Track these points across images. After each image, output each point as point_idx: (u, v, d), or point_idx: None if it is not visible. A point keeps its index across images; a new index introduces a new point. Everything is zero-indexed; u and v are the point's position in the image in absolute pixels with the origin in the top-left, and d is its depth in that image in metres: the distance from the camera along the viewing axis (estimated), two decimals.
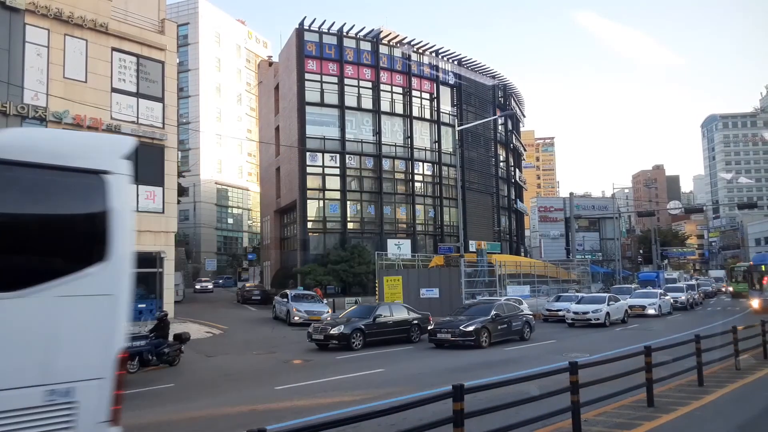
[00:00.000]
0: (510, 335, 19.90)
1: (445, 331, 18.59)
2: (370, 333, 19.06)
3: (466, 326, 18.38)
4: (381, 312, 19.96)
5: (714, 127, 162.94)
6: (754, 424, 8.76)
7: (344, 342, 18.38)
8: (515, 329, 20.12)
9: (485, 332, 18.61)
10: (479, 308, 20.48)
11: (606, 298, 27.91)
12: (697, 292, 42.12)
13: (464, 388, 6.02)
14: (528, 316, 21.64)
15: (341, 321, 19.42)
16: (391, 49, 45.27)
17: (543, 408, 7.47)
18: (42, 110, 23.15)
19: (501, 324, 19.48)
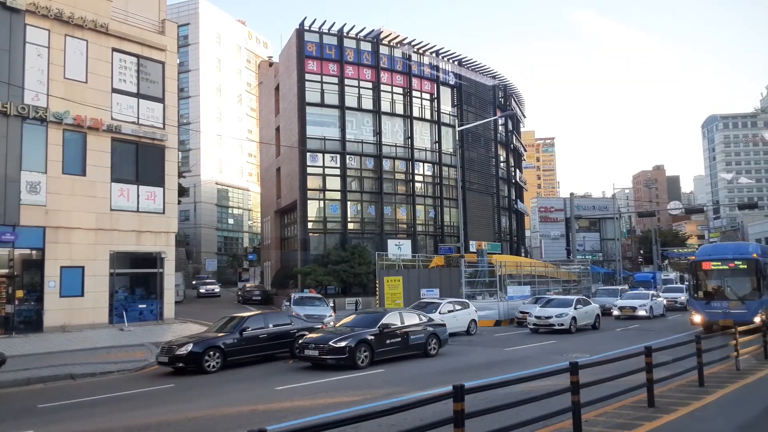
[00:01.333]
0: (407, 351, 16.38)
1: (313, 346, 14.88)
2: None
3: (338, 341, 14.69)
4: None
5: (714, 128, 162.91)
6: (755, 424, 8.76)
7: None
8: (415, 343, 16.53)
9: (364, 348, 14.99)
10: (368, 317, 16.70)
11: (573, 301, 25.21)
12: None
13: (465, 388, 6.02)
14: (438, 328, 17.53)
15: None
16: (392, 49, 45.28)
17: (543, 408, 7.47)
18: (42, 111, 23.15)
19: (391, 338, 15.90)
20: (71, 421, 10.27)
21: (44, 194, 23.25)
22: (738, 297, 20.12)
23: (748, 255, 20.63)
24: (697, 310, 20.97)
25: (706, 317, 20.40)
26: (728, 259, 20.95)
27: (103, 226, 24.73)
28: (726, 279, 20.97)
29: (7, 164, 22.28)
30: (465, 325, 23.70)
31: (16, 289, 22.63)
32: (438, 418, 6.01)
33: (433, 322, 17.83)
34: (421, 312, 18.95)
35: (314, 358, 14.90)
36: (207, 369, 14.70)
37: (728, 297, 20.42)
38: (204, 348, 14.84)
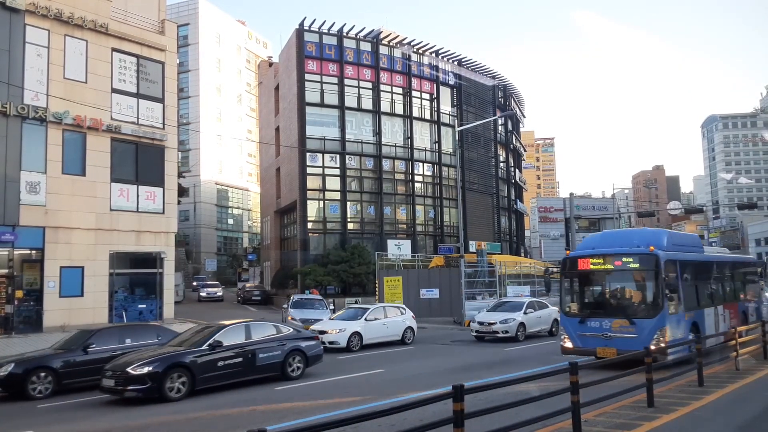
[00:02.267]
0: (254, 373, 13.07)
1: (110, 374, 11.62)
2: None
3: (139, 366, 11.36)
4: None
5: (714, 128, 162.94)
6: (755, 424, 8.76)
7: None
8: (266, 363, 13.23)
9: (179, 374, 11.63)
10: (200, 334, 13.23)
11: (523, 304, 22.06)
12: None
13: (464, 388, 6.03)
14: (305, 342, 14.31)
15: None
16: (391, 49, 45.28)
17: (543, 408, 7.47)
18: (42, 111, 23.15)
19: (228, 358, 12.54)
20: (71, 421, 10.27)
21: (44, 194, 23.25)
22: (625, 314, 13.41)
23: (642, 249, 13.49)
24: (568, 333, 14.15)
25: (578, 343, 13.84)
26: (613, 255, 13.90)
27: (102, 226, 24.73)
28: (611, 285, 14.40)
29: (7, 164, 22.28)
30: (399, 334, 20.84)
31: (16, 289, 22.63)
32: (438, 418, 6.01)
33: (300, 335, 14.51)
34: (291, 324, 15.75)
35: (111, 389, 11.53)
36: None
37: (610, 313, 13.66)
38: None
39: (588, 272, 14.39)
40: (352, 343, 19.16)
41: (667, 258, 13.24)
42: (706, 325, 14.72)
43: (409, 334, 21.31)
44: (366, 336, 19.72)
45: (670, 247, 14.15)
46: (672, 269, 13.37)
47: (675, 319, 13.17)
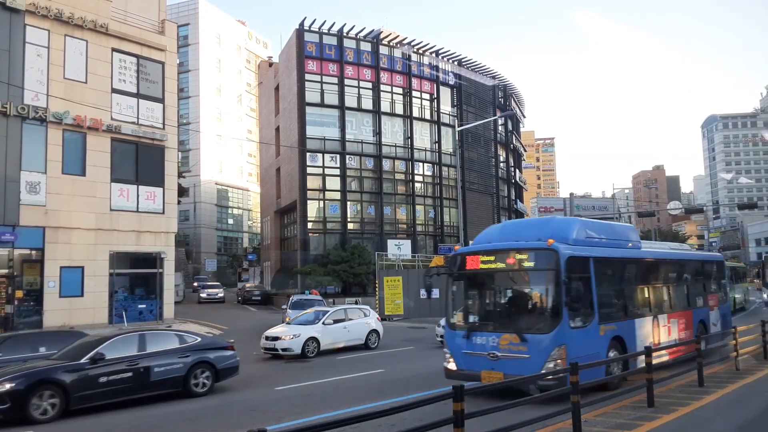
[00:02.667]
0: (147, 390, 11.44)
1: None
2: None
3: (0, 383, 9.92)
4: None
5: (714, 128, 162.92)
6: (755, 424, 8.76)
7: None
8: (162, 379, 11.59)
9: (50, 393, 10.18)
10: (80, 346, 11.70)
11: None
12: None
13: (464, 388, 6.03)
14: (216, 354, 12.56)
15: None
16: (391, 49, 45.27)
17: (543, 408, 7.47)
18: (42, 111, 23.14)
19: (113, 374, 10.95)
20: (71, 421, 10.26)
21: (44, 194, 23.24)
22: (516, 327, 10.29)
23: (540, 243, 10.47)
24: (452, 350, 11.10)
25: (461, 364, 10.79)
26: (504, 252, 10.76)
27: (102, 226, 24.73)
28: (502, 290, 11.33)
29: (7, 164, 22.27)
30: (362, 338, 19.44)
31: (16, 290, 22.62)
32: (438, 418, 6.01)
33: (211, 345, 12.75)
34: (191, 333, 13.56)
35: None
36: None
37: (499, 327, 10.60)
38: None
39: (477, 273, 11.18)
40: (307, 349, 17.58)
41: (572, 255, 10.29)
42: (637, 339, 11.74)
43: (373, 337, 19.80)
44: (324, 341, 18.19)
45: (582, 240, 11.14)
46: (579, 269, 10.49)
47: (582, 334, 10.19)
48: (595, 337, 10.53)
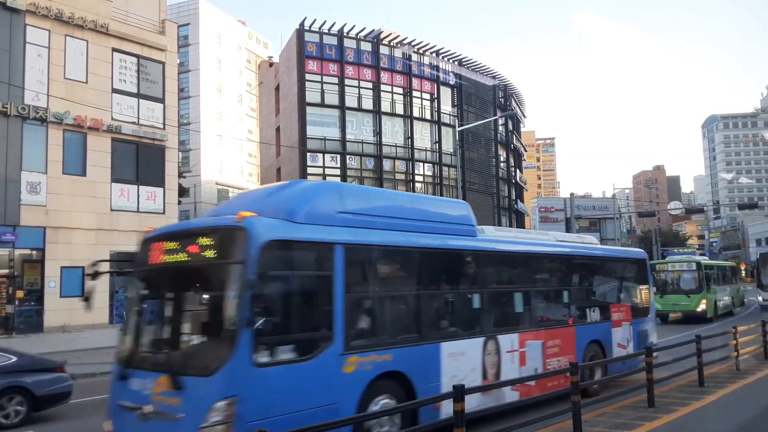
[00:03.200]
0: None
1: None
2: None
3: None
4: None
5: (714, 128, 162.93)
6: (755, 424, 8.75)
7: None
8: None
9: None
10: None
11: None
12: None
13: (464, 388, 6.02)
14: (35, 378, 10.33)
15: None
16: (392, 49, 45.26)
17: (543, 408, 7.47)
18: (43, 111, 23.16)
19: None
20: (71, 421, 10.26)
21: (44, 194, 23.26)
22: (174, 363, 6.13)
23: (224, 219, 6.57)
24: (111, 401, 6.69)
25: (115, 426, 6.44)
26: (187, 234, 6.80)
27: (103, 227, 24.74)
28: (177, 297, 7.06)
29: (8, 164, 22.29)
30: None
31: (17, 290, 22.63)
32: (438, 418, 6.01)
33: (31, 367, 10.52)
34: None
35: None
36: None
37: (156, 363, 6.43)
38: None
39: (153, 271, 7.06)
40: None
41: (280, 238, 6.20)
42: (443, 374, 7.65)
43: None
44: None
45: (329, 217, 6.94)
46: (304, 261, 6.68)
47: (287, 374, 5.99)
48: (328, 377, 6.31)
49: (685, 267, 27.46)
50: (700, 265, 27.25)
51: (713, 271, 29.02)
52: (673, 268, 27.80)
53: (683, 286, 26.77)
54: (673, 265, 28.29)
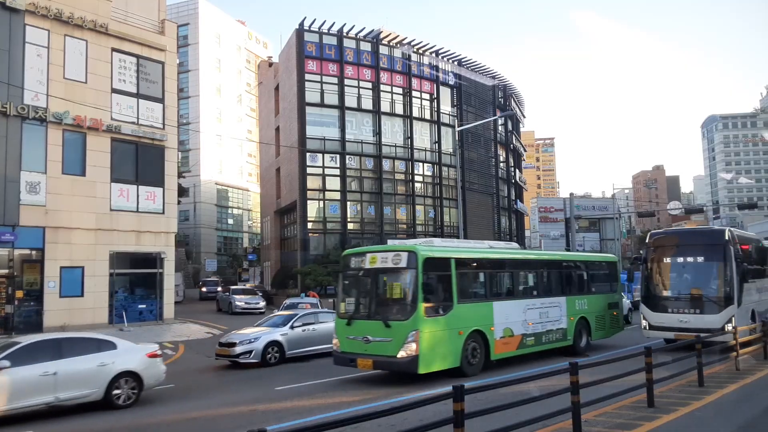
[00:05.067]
0: None
1: None
2: None
3: None
4: None
5: (714, 128, 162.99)
6: (755, 424, 8.76)
7: None
8: None
9: None
10: None
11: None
12: None
13: (464, 388, 6.02)
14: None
15: None
16: (391, 49, 45.26)
17: (543, 408, 7.47)
18: (42, 111, 23.16)
19: None
20: (71, 421, 10.26)
21: (44, 194, 23.26)
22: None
23: None
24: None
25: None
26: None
27: (102, 227, 24.74)
28: None
29: (7, 164, 22.29)
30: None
31: (16, 290, 22.61)
32: (438, 418, 6.01)
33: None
34: None
35: None
36: None
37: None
38: None
39: None
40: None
41: None
42: None
43: None
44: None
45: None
46: None
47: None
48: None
49: (390, 262, 12.74)
50: (416, 257, 12.23)
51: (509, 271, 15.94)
52: (372, 264, 13.08)
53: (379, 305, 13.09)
54: (373, 259, 13.11)
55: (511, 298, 14.97)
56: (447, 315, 12.61)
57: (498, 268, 15.34)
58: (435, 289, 12.58)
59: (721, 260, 15.48)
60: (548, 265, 17.29)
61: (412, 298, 12.06)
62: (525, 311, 14.85)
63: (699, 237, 17.27)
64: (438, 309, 12.48)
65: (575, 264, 18.65)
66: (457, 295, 12.88)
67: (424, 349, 11.83)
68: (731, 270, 15.21)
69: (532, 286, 16.33)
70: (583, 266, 18.68)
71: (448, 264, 12.90)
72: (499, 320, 13.88)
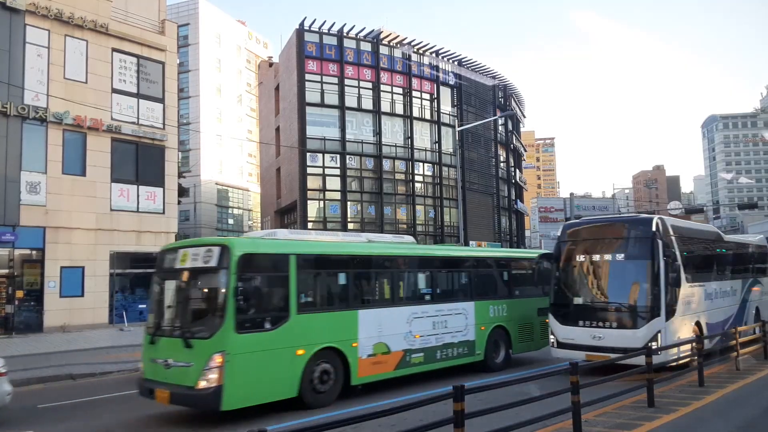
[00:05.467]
0: None
1: None
2: None
3: None
4: None
5: (714, 128, 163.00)
6: (755, 424, 8.75)
7: None
8: None
9: None
10: None
11: None
12: None
13: (464, 388, 6.02)
14: None
15: None
16: (392, 49, 45.26)
17: (543, 408, 7.47)
18: (42, 111, 23.16)
19: None
20: (71, 420, 10.26)
21: (44, 194, 23.27)
22: None
23: None
24: None
25: None
26: None
27: (103, 227, 24.74)
28: None
29: (7, 164, 22.30)
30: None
31: (16, 290, 22.61)
32: (438, 418, 6.01)
33: None
34: None
35: None
36: None
37: None
38: None
39: None
40: None
41: None
42: None
43: None
44: None
45: None
46: None
47: None
48: None
49: (200, 261, 9.64)
50: (229, 254, 9.28)
51: None
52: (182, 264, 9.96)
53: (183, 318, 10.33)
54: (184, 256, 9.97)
55: (388, 305, 11.77)
56: (277, 329, 9.54)
57: (368, 268, 11.97)
58: (258, 295, 9.38)
59: (646, 258, 12.05)
60: (449, 264, 14.23)
61: (221, 309, 8.92)
62: (410, 321, 11.86)
63: (620, 229, 13.43)
64: (262, 322, 9.44)
65: (491, 262, 15.33)
66: (297, 303, 9.88)
67: (232, 376, 8.76)
68: (659, 270, 11.75)
69: (423, 289, 13.18)
70: (503, 265, 15.41)
71: (285, 263, 9.91)
72: (367, 333, 10.96)
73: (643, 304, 11.99)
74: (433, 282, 13.21)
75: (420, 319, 12.09)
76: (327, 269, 11.27)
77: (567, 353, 12.32)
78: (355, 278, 11.52)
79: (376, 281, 12.20)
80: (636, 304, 12.09)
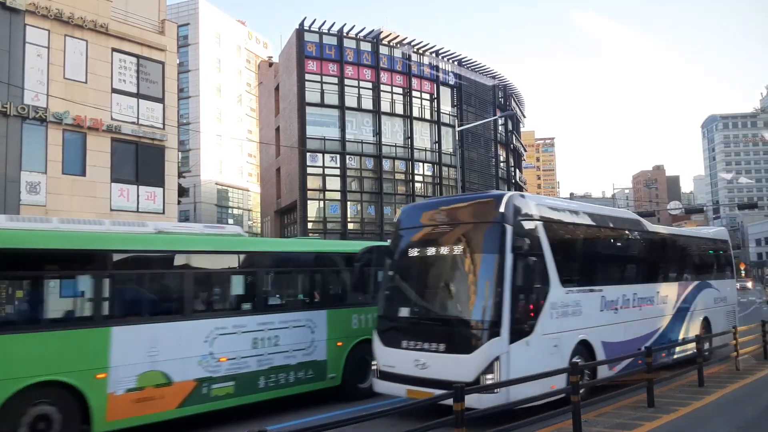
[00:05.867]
0: None
1: None
2: None
3: None
4: None
5: (714, 128, 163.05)
6: (755, 424, 8.76)
7: None
8: None
9: None
10: None
11: None
12: None
13: (464, 388, 6.03)
14: None
15: None
16: (391, 49, 45.28)
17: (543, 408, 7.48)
18: (42, 111, 23.16)
19: None
20: None
21: (44, 194, 23.26)
22: None
23: None
24: None
25: None
26: None
27: None
28: None
29: (7, 164, 22.29)
30: None
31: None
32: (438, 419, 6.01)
33: None
34: None
35: None
36: None
37: None
38: None
39: None
40: None
41: None
42: None
43: None
44: None
45: None
46: None
47: None
48: None
49: None
50: None
51: None
52: None
53: None
54: None
55: (170, 319, 8.69)
56: None
57: (135, 269, 8.91)
58: None
59: (487, 251, 8.59)
60: (286, 262, 10.80)
61: None
62: (211, 339, 8.89)
63: (462, 212, 9.56)
64: None
65: (350, 259, 10.80)
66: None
67: None
68: (503, 269, 8.26)
69: (237, 296, 10.07)
70: None
71: None
72: (126, 359, 8.00)
73: (477, 317, 8.42)
74: (256, 286, 9.97)
75: (229, 336, 9.07)
76: (54, 271, 8.66)
77: (388, 387, 9.05)
78: (114, 283, 8.34)
79: (151, 287, 9.11)
80: (467, 317, 8.63)
